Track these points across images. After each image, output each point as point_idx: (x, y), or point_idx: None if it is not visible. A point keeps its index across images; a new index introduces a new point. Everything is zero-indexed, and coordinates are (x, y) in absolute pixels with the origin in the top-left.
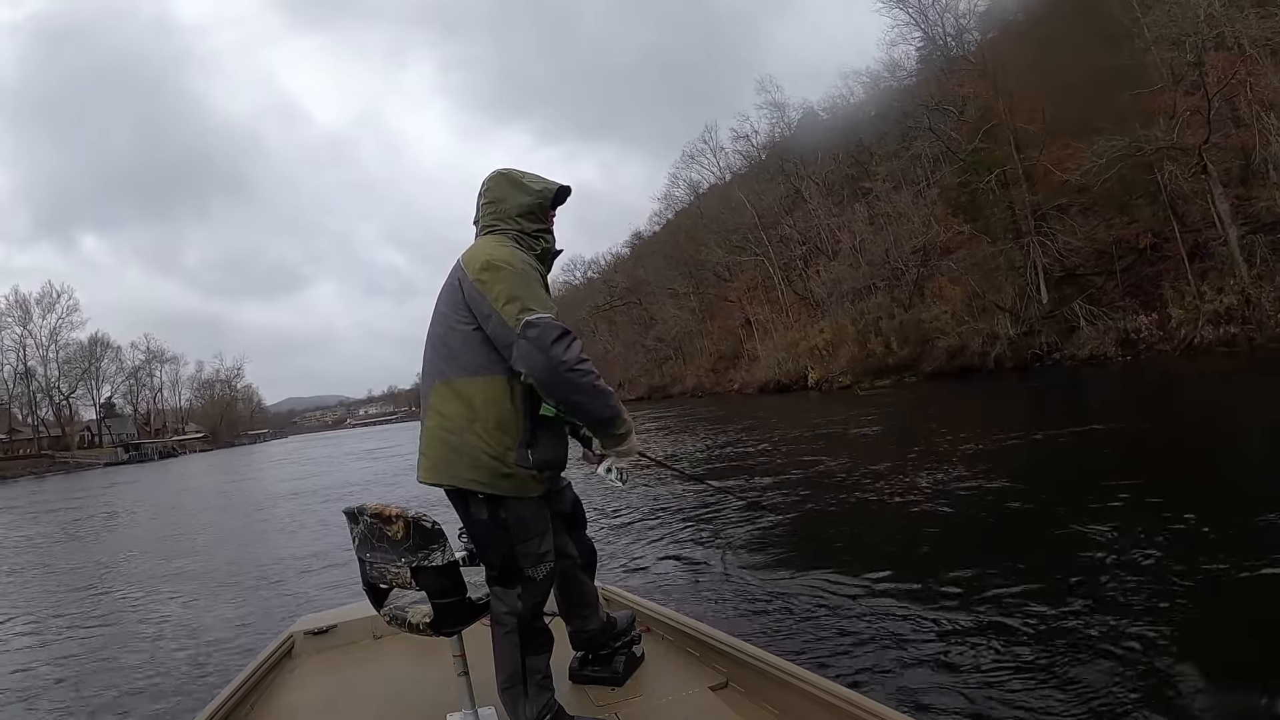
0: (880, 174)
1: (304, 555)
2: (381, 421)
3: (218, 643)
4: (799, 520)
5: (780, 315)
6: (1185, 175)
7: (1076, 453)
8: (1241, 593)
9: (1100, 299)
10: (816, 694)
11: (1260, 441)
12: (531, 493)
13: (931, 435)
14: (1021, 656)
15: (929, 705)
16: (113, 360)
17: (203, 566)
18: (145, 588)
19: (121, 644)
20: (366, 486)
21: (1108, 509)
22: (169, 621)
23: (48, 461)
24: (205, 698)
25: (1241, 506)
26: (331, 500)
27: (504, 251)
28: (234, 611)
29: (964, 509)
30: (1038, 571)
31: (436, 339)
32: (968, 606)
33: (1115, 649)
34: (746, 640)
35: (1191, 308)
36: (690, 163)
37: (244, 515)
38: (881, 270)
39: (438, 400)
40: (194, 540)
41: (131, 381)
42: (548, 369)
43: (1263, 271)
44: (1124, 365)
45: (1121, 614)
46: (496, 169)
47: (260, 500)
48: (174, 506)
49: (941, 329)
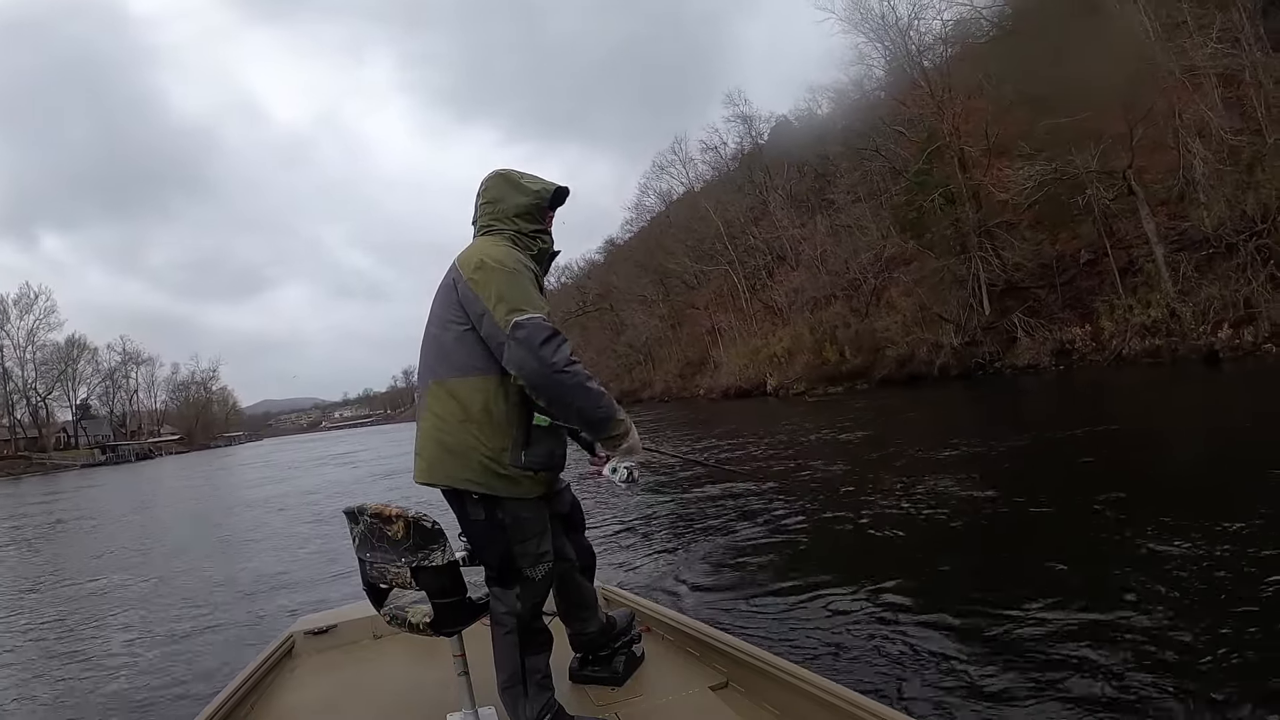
0: (842, 186)
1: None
2: (357, 424)
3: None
4: (795, 521)
5: (745, 323)
6: (1110, 197)
7: (990, 459)
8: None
9: (1041, 311)
10: (817, 694)
11: (1179, 445)
12: (528, 493)
13: (888, 441)
14: (1020, 656)
15: (929, 705)
16: (89, 362)
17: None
18: (136, 591)
19: (120, 645)
20: (328, 494)
21: (1070, 507)
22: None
23: (24, 463)
24: (205, 698)
25: (1185, 501)
26: (290, 509)
27: (498, 251)
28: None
29: (958, 511)
30: (1034, 572)
31: (431, 339)
32: (967, 607)
33: (1115, 649)
34: (746, 640)
35: (1121, 320)
36: (660, 173)
37: (208, 528)
38: (841, 280)
39: (433, 400)
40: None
41: (107, 383)
42: (536, 370)
43: (1186, 287)
44: (1057, 374)
45: (1121, 614)
46: (495, 169)
47: (222, 510)
48: (147, 508)
49: (892, 338)
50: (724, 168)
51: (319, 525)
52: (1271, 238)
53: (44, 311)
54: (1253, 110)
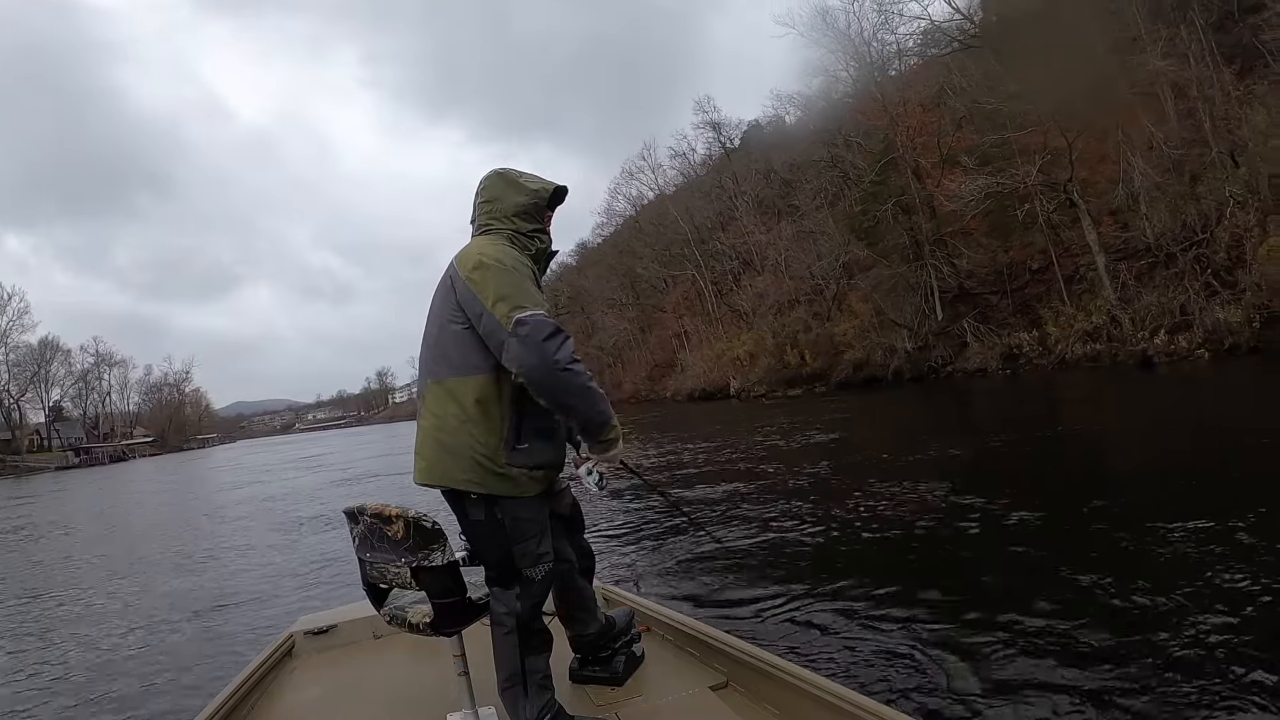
0: (806, 192)
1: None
2: (330, 426)
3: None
4: (791, 523)
5: (711, 327)
6: (1051, 209)
7: (946, 460)
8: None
9: (992, 316)
10: (817, 694)
11: (1113, 445)
12: (527, 492)
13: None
14: (1020, 656)
15: (929, 705)
16: (62, 363)
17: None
18: (133, 592)
19: (120, 646)
20: (284, 500)
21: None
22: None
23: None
24: (205, 698)
25: (1135, 498)
26: (247, 517)
27: (496, 250)
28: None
29: (955, 514)
30: (1034, 572)
31: (430, 339)
32: (967, 607)
33: (1114, 649)
34: (746, 640)
35: (1066, 326)
36: (630, 178)
37: (194, 533)
38: (804, 285)
39: (432, 401)
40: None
41: (80, 385)
42: (539, 367)
43: (1126, 295)
44: (1004, 378)
45: (1118, 613)
46: (494, 169)
47: (204, 513)
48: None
49: (849, 342)
50: (692, 174)
51: (285, 533)
52: (1209, 248)
53: (17, 313)
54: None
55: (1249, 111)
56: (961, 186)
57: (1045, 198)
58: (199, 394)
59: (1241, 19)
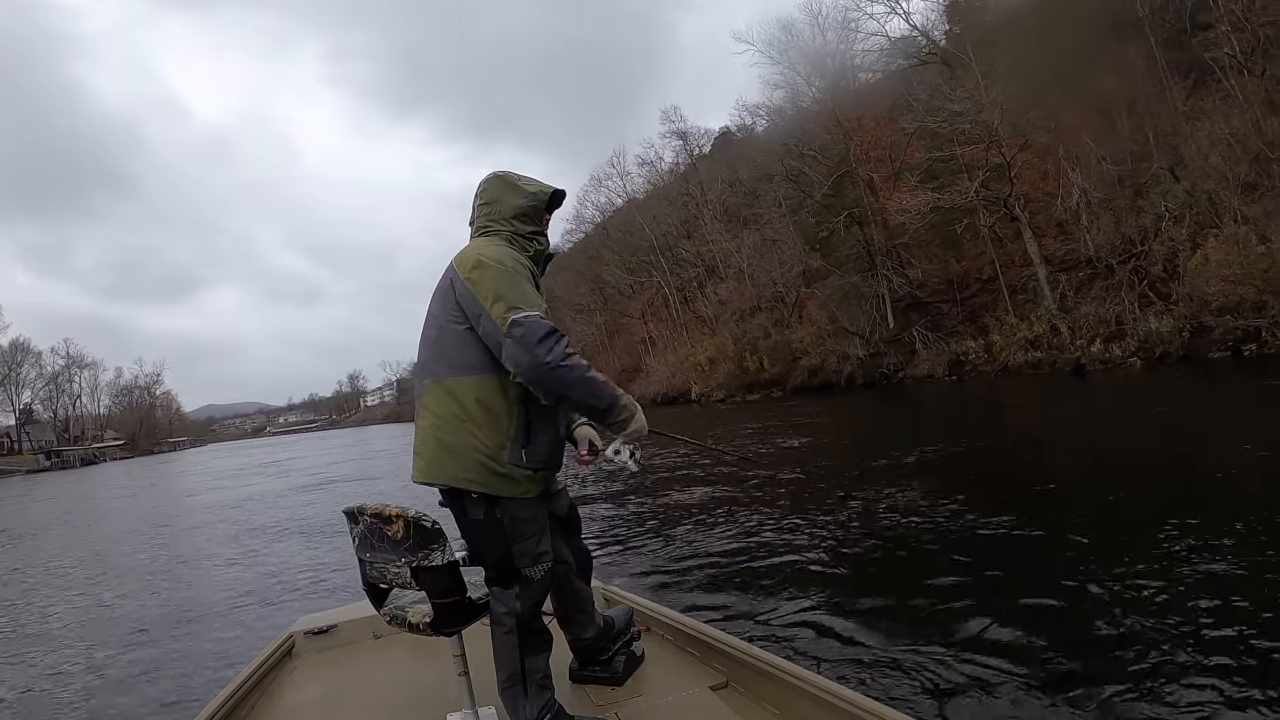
0: (768, 201)
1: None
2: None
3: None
4: (792, 522)
5: (675, 332)
6: (992, 222)
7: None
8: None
9: (942, 325)
10: (817, 694)
11: (1046, 447)
12: (526, 492)
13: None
14: (1020, 655)
15: (929, 705)
16: (33, 365)
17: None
18: (129, 593)
19: (118, 647)
20: (241, 505)
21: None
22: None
23: None
24: (205, 697)
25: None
26: (203, 525)
27: (495, 251)
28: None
29: (935, 516)
30: (1032, 572)
31: (429, 340)
32: (966, 607)
33: (1113, 649)
34: (746, 640)
35: (1009, 335)
36: (599, 185)
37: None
38: (766, 292)
39: (431, 400)
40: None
41: (51, 387)
42: (534, 367)
43: (1066, 305)
44: (950, 385)
45: (1117, 612)
46: (493, 171)
47: (183, 516)
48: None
49: (806, 349)
50: (660, 182)
51: (256, 536)
52: (1146, 260)
53: None
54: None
55: (1194, 127)
56: (908, 201)
57: (988, 211)
58: (169, 397)
59: (1193, 35)
